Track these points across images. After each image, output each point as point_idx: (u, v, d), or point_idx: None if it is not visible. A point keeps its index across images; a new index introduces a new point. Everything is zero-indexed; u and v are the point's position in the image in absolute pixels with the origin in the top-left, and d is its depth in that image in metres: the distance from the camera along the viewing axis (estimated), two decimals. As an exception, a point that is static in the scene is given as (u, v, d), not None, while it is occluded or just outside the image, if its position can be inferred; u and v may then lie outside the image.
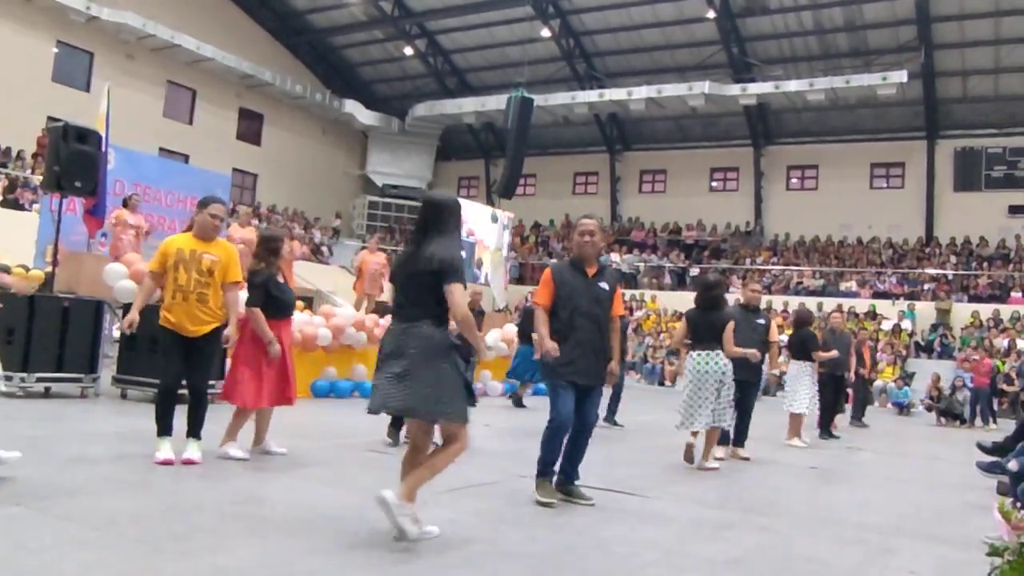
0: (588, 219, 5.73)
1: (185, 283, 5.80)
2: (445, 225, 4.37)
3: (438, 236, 4.32)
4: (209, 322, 5.86)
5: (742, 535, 5.03)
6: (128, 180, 13.18)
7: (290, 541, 4.05)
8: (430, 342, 4.20)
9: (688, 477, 7.25)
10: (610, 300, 5.66)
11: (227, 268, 5.93)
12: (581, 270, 5.64)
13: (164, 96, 28.61)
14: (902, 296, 25.55)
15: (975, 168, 27.53)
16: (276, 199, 31.50)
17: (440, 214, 4.39)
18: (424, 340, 4.20)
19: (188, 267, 5.82)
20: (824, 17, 26.42)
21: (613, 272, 5.93)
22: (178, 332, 5.80)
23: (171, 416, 5.87)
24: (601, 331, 5.58)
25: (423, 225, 4.40)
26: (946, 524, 5.98)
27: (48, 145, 10.20)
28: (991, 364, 17.93)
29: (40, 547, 3.62)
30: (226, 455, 6.15)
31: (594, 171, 34.43)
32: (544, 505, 5.28)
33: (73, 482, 4.90)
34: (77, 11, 24.71)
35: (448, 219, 4.40)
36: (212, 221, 5.94)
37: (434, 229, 4.35)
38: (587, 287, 5.58)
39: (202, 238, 5.95)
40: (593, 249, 5.67)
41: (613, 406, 11.32)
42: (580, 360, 5.48)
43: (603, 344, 5.59)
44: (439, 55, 32.68)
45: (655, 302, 28.09)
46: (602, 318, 5.59)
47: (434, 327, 4.23)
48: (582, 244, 5.65)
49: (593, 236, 5.62)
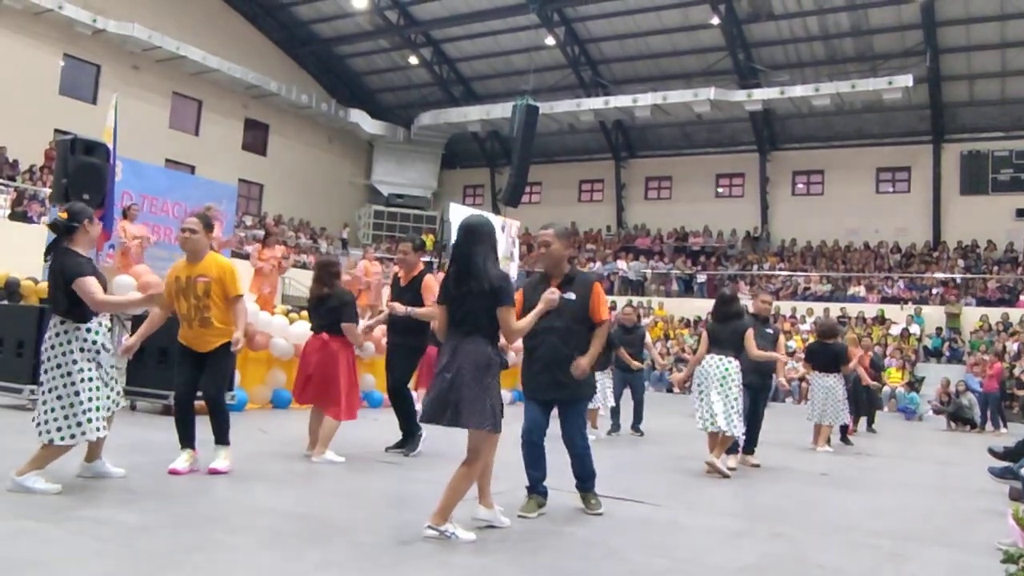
0: (545, 229, 5.54)
1: (186, 311, 5.82)
2: (483, 246, 4.65)
3: (482, 257, 4.61)
4: (216, 340, 5.85)
5: (754, 542, 5.01)
6: (135, 192, 13.21)
7: (303, 552, 4.04)
8: (478, 358, 4.52)
9: (699, 485, 7.22)
10: (582, 309, 5.41)
11: (224, 284, 5.85)
12: (546, 282, 5.45)
13: (170, 107, 28.73)
14: (910, 301, 25.48)
15: (982, 171, 27.48)
16: (282, 209, 31.58)
17: (477, 236, 4.67)
18: (473, 356, 4.51)
19: (186, 295, 5.80)
20: (830, 22, 26.41)
21: (585, 278, 5.57)
22: (189, 347, 5.91)
23: (187, 427, 5.89)
24: (565, 342, 5.35)
25: (462, 248, 4.67)
26: (958, 530, 5.94)
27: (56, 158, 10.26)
28: (1001, 367, 17.85)
29: (53, 560, 3.62)
30: (326, 461, 6.77)
31: (599, 178, 34.42)
32: (520, 517, 5.16)
33: (85, 494, 4.90)
34: (83, 24, 24.83)
35: (484, 240, 4.68)
36: (181, 235, 5.87)
37: (472, 251, 4.63)
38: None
39: (190, 260, 5.89)
40: (550, 260, 5.48)
41: (638, 415, 11.34)
42: (540, 375, 5.41)
43: (568, 355, 5.33)
44: (444, 64, 32.74)
45: (662, 309, 28.06)
46: (564, 329, 5.35)
47: (484, 343, 4.56)
48: (540, 256, 5.56)
49: (549, 247, 5.43)
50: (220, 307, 5.83)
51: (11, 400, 8.87)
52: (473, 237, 4.66)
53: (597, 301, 5.46)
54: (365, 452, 7.46)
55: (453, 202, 30.41)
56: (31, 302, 11.17)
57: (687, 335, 25.38)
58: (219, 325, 5.83)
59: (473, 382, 4.46)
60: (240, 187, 27.15)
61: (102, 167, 9.98)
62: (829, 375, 10.76)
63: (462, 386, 4.45)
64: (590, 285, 5.49)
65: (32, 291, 11.52)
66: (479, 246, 4.64)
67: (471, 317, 4.57)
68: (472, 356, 4.51)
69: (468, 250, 4.63)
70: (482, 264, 4.58)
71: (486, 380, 4.50)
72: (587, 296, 5.42)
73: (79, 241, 5.18)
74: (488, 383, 4.51)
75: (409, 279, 7.59)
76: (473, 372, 4.47)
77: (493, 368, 4.57)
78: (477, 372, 4.48)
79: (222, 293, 5.83)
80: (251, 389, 10.55)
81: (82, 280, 4.98)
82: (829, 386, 10.72)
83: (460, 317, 4.62)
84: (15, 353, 8.87)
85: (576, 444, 5.53)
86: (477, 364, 4.49)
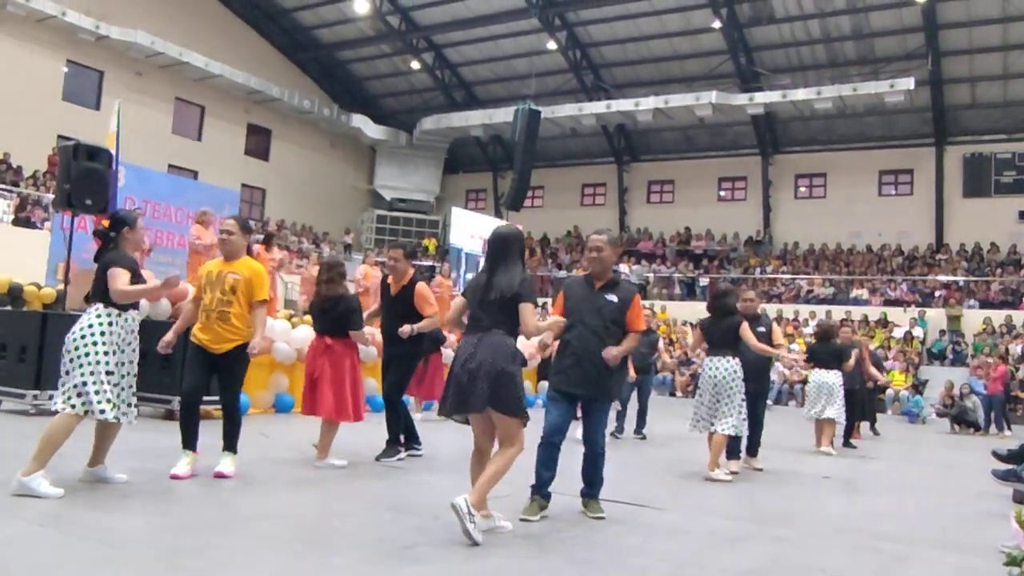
0: (597, 235, 5.73)
1: (209, 303, 5.91)
2: (512, 255, 4.99)
3: (510, 265, 4.94)
4: (232, 340, 5.88)
5: (757, 546, 5.01)
6: (138, 197, 13.23)
7: (306, 557, 4.04)
8: (502, 347, 4.76)
9: (701, 488, 7.21)
10: (619, 312, 5.57)
11: (252, 286, 5.94)
12: (590, 283, 5.68)
13: (173, 113, 28.82)
14: (913, 303, 25.44)
15: (984, 174, 27.45)
16: (284, 214, 31.63)
17: (508, 245, 5.01)
18: (496, 346, 4.75)
19: (213, 288, 5.92)
20: (831, 25, 26.40)
21: (628, 286, 5.84)
22: (203, 347, 5.91)
23: (191, 428, 5.90)
24: (602, 342, 5.48)
25: (493, 256, 5.01)
26: (962, 533, 5.93)
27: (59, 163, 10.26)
28: (1005, 370, 17.80)
29: (56, 565, 3.63)
30: (329, 466, 6.78)
31: (602, 182, 34.43)
32: (522, 520, 5.18)
33: (88, 499, 4.91)
34: (86, 30, 24.94)
35: (514, 249, 5.02)
36: (219, 237, 6.14)
37: (502, 259, 4.96)
38: (592, 298, 5.59)
39: (227, 259, 6.07)
40: (600, 265, 5.66)
41: (641, 419, 11.37)
42: (571, 369, 5.49)
43: (599, 351, 5.46)
44: (446, 69, 32.78)
45: (665, 312, 28.04)
46: (603, 330, 5.51)
47: (506, 336, 4.82)
48: (591, 260, 5.71)
49: (601, 252, 5.63)
50: (243, 307, 5.92)
51: (14, 405, 8.87)
52: (503, 246, 5.01)
53: (636, 311, 5.70)
54: (368, 456, 7.46)
55: (455, 207, 30.51)
56: (34, 307, 11.18)
57: (690, 338, 25.33)
58: (237, 324, 5.89)
59: (502, 371, 4.68)
60: (243, 192, 27.25)
61: (105, 172, 9.97)
62: (830, 372, 10.83)
63: (493, 374, 4.66)
64: (632, 295, 5.73)
65: (35, 296, 11.53)
66: (509, 255, 4.96)
67: (493, 315, 4.84)
68: (498, 347, 4.75)
69: (499, 258, 4.97)
70: (509, 272, 4.89)
71: (512, 368, 4.73)
72: (628, 304, 5.65)
73: (123, 247, 5.48)
74: (516, 371, 4.75)
75: (399, 288, 7.42)
76: (501, 360, 4.71)
77: (518, 359, 4.83)
78: (504, 361, 4.72)
79: (248, 293, 5.93)
80: (254, 394, 10.53)
81: (115, 269, 5.24)
82: (828, 382, 10.78)
83: (481, 316, 4.89)
84: (18, 359, 8.88)
85: (597, 444, 5.63)
86: (503, 354, 4.74)
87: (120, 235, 5.49)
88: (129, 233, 5.52)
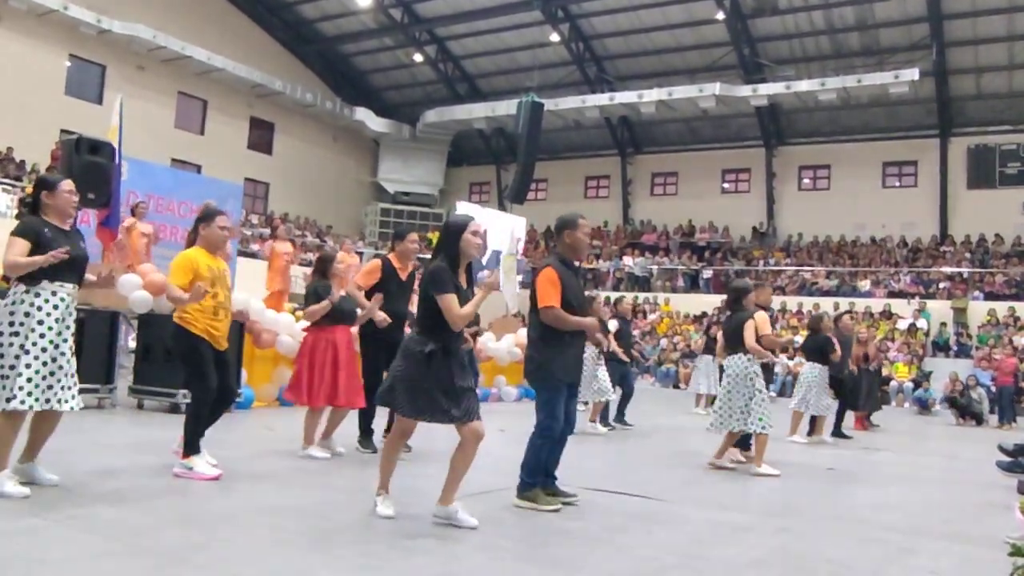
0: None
1: (224, 300, 5.71)
2: (439, 247, 4.80)
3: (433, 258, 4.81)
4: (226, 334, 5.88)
5: (761, 537, 5.00)
6: (141, 191, 13.24)
7: (310, 549, 4.04)
8: (408, 346, 4.73)
9: (705, 480, 7.21)
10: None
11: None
12: (572, 267, 5.51)
13: (175, 107, 28.83)
14: (917, 295, 25.40)
15: (989, 165, 27.40)
16: (288, 208, 31.63)
17: (441, 237, 4.82)
18: (404, 347, 4.77)
19: (223, 284, 5.75)
20: (835, 16, 26.34)
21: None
22: (213, 345, 5.67)
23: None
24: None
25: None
26: (966, 523, 5.92)
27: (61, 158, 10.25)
28: (1015, 363, 17.77)
29: (60, 559, 3.62)
30: (309, 456, 6.75)
31: (605, 174, 34.40)
32: (555, 510, 5.20)
33: (92, 493, 4.90)
34: (88, 24, 24.94)
35: (442, 241, 4.79)
36: (223, 234, 5.82)
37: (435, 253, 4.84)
38: (579, 284, 5.52)
39: (215, 253, 5.82)
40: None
41: (623, 407, 11.36)
42: (571, 359, 5.46)
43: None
44: (449, 61, 32.75)
45: (668, 305, 28.03)
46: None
47: (414, 334, 4.77)
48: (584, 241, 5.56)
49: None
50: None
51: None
52: (439, 238, 4.87)
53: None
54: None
55: (459, 200, 30.51)
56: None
57: (693, 331, 25.34)
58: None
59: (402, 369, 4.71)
60: (246, 186, 27.18)
61: (107, 166, 9.98)
62: (816, 365, 10.82)
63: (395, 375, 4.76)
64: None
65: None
66: (437, 248, 4.81)
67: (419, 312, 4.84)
68: (404, 347, 4.82)
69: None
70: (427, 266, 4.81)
71: (398, 365, 4.77)
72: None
73: (43, 212, 4.84)
74: (400, 368, 4.75)
75: (408, 273, 7.56)
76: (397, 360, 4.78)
77: (408, 356, 4.76)
78: (398, 359, 4.79)
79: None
80: (258, 387, 10.56)
81: (12, 238, 4.66)
82: (812, 376, 10.78)
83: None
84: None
85: (573, 425, 5.60)
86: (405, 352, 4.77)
87: (39, 200, 4.84)
88: (48, 197, 4.82)
